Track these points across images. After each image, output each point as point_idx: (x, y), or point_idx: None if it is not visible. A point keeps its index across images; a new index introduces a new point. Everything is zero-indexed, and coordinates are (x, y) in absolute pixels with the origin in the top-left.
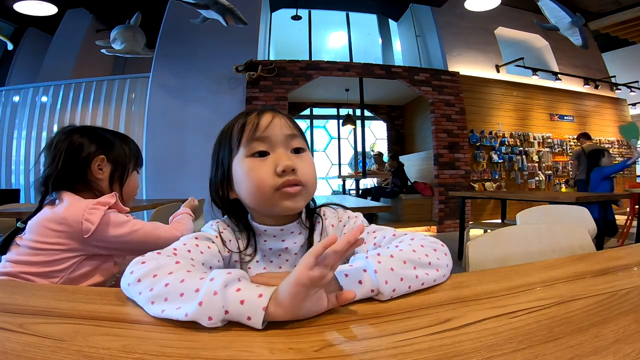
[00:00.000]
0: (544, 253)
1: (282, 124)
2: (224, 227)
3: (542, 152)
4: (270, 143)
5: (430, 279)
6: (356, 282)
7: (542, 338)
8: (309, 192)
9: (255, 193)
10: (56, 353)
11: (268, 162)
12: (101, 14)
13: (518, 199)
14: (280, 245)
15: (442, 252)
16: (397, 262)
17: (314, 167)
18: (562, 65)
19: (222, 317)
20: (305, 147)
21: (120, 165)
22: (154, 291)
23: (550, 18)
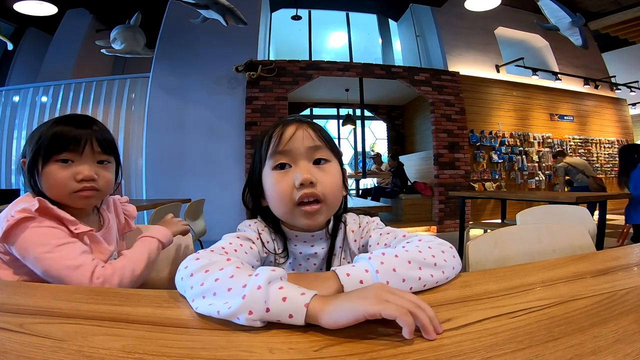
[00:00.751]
0: (544, 253)
1: (305, 136)
2: (262, 229)
3: (542, 152)
4: (292, 156)
5: (433, 281)
6: (357, 281)
7: (542, 338)
8: (329, 207)
9: (278, 206)
10: (56, 353)
11: (289, 175)
12: (101, 14)
13: (518, 199)
14: (310, 250)
15: (450, 254)
16: (402, 262)
17: (337, 177)
18: (562, 65)
19: (263, 314)
20: (330, 157)
21: (31, 158)
22: (204, 286)
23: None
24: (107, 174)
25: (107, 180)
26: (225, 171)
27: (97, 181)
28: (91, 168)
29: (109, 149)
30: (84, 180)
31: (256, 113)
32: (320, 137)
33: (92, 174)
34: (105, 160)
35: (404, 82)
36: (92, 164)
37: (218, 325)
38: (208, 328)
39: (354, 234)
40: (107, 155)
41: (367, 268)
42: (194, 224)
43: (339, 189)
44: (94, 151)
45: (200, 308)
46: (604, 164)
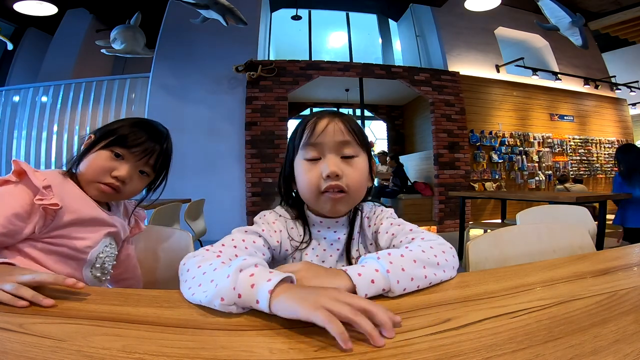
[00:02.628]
0: (544, 253)
1: (336, 130)
2: (275, 218)
3: (542, 152)
4: (321, 149)
5: (437, 279)
6: (369, 281)
7: (542, 338)
8: (352, 198)
9: (306, 192)
10: (56, 353)
11: (318, 166)
12: (101, 14)
13: (518, 199)
14: (334, 236)
15: (450, 254)
16: (408, 261)
17: (363, 171)
18: (562, 65)
19: (235, 300)
20: (358, 152)
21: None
22: (195, 279)
23: (550, 18)
24: (138, 185)
25: (133, 189)
26: (225, 171)
27: (126, 185)
28: (130, 172)
29: (157, 167)
30: (116, 178)
31: (256, 113)
32: (350, 131)
33: (126, 178)
34: (146, 172)
35: (404, 82)
36: (133, 170)
37: (218, 325)
38: (208, 328)
39: (368, 220)
40: (151, 170)
41: (377, 268)
42: (194, 224)
43: (364, 182)
44: (144, 162)
45: (190, 298)
46: (604, 164)
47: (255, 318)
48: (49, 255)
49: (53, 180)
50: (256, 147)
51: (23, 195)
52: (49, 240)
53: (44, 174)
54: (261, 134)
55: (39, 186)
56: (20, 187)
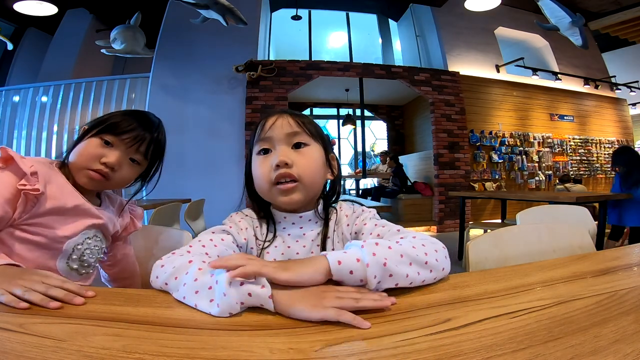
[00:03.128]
0: (544, 253)
1: (284, 124)
2: (241, 217)
3: (542, 152)
4: (272, 142)
5: (419, 279)
6: (347, 272)
7: (542, 338)
8: (306, 186)
9: (259, 186)
10: (56, 353)
11: (268, 158)
12: (101, 14)
13: (518, 199)
14: (299, 232)
15: (443, 254)
16: (394, 254)
17: (315, 159)
18: (562, 65)
19: (240, 309)
20: (309, 141)
21: (89, 127)
22: (179, 292)
23: (550, 18)
24: (128, 173)
25: (122, 177)
26: (225, 171)
27: (115, 172)
28: (119, 159)
29: (149, 155)
30: (105, 165)
31: (256, 113)
32: (299, 124)
33: (115, 164)
34: (137, 160)
35: (404, 82)
36: (123, 156)
37: (218, 325)
38: (208, 328)
39: (347, 218)
40: (143, 157)
41: (358, 257)
42: (194, 223)
43: (318, 170)
44: (134, 149)
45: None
46: (604, 164)
47: (255, 318)
48: (23, 244)
49: (40, 167)
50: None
51: (11, 181)
52: (26, 228)
53: (32, 161)
54: None
55: (26, 172)
56: (6, 172)
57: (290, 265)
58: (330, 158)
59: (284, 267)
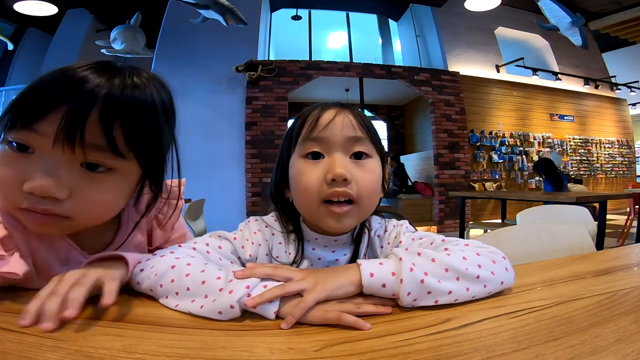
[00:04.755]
0: (544, 253)
1: (345, 123)
2: (259, 228)
3: (543, 152)
4: (326, 145)
5: (469, 295)
6: (380, 285)
7: (542, 338)
8: (362, 211)
9: (301, 200)
10: (56, 353)
11: (320, 166)
12: (101, 14)
13: (518, 199)
14: (331, 257)
15: (502, 266)
16: (437, 268)
17: (377, 177)
18: (562, 65)
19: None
20: (372, 152)
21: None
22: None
23: (550, 18)
24: (94, 193)
25: (91, 204)
26: (225, 171)
27: (64, 203)
28: (52, 173)
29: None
30: (32, 196)
31: (256, 113)
32: (363, 127)
33: (50, 188)
34: (101, 164)
35: (404, 82)
36: (63, 167)
37: (218, 325)
38: (208, 328)
39: (379, 239)
40: (108, 155)
41: (394, 270)
42: (194, 223)
43: (377, 190)
44: (71, 140)
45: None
46: (604, 164)
47: (255, 318)
48: None
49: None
50: (256, 147)
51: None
52: None
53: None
54: (261, 134)
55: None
56: None
57: (322, 278)
58: (384, 171)
59: (316, 279)
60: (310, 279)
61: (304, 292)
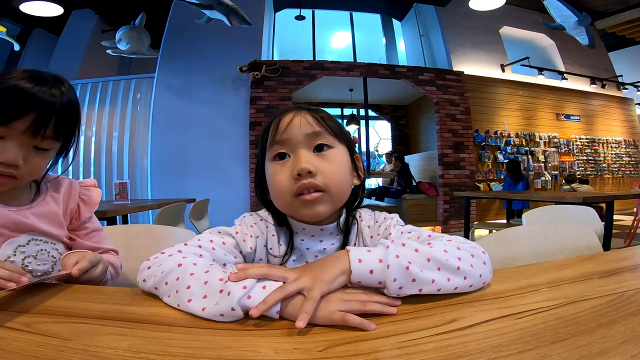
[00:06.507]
0: (551, 254)
1: (303, 122)
2: (255, 221)
3: (548, 152)
4: (289, 145)
5: (450, 286)
6: (367, 271)
7: (548, 339)
8: (333, 196)
9: (277, 197)
10: (62, 352)
11: (287, 165)
12: (106, 15)
13: (524, 199)
14: (319, 246)
15: (481, 260)
16: (420, 258)
17: (342, 165)
18: (568, 64)
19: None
20: (333, 143)
21: None
22: (172, 298)
23: (556, 17)
24: (38, 161)
25: (34, 168)
26: (229, 171)
27: (20, 168)
28: (19, 152)
29: (60, 134)
30: (2, 164)
31: (260, 113)
32: (321, 123)
33: (17, 160)
34: (45, 147)
35: (408, 81)
36: (23, 147)
37: (223, 325)
38: (213, 328)
39: (369, 229)
40: (52, 141)
41: (381, 257)
42: (199, 223)
43: (344, 177)
44: (37, 134)
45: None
46: (611, 164)
47: (259, 318)
48: None
49: None
50: (262, 141)
51: None
52: None
53: None
54: None
55: None
56: None
57: (317, 273)
58: (355, 159)
59: (312, 275)
60: (306, 277)
61: (305, 290)
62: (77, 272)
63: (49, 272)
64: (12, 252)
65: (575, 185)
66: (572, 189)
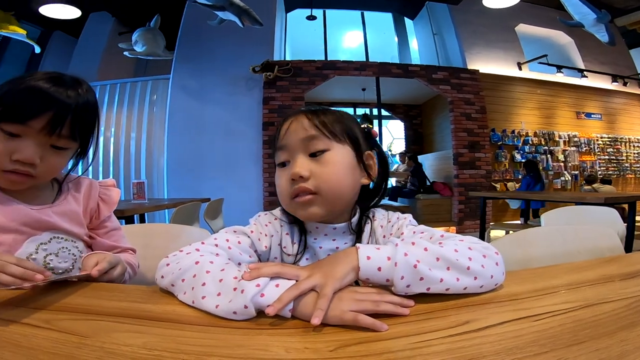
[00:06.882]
0: (570, 255)
1: (299, 128)
2: (269, 220)
3: (568, 152)
4: (288, 150)
5: (460, 286)
6: (375, 268)
7: (566, 341)
8: (326, 199)
9: (281, 200)
10: (80, 349)
11: (286, 170)
12: (122, 17)
13: (542, 199)
14: (331, 245)
15: (493, 260)
16: (429, 257)
17: (338, 166)
18: (588, 62)
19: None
20: (328, 145)
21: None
22: (187, 295)
23: (574, 15)
24: (55, 161)
25: (51, 167)
26: (243, 171)
27: (37, 167)
28: (36, 151)
29: (77, 135)
30: (18, 162)
31: (273, 113)
32: (316, 126)
33: (34, 159)
34: (62, 146)
35: (422, 80)
36: (40, 146)
37: (235, 324)
38: (226, 327)
39: (382, 229)
40: (69, 141)
41: (389, 255)
42: (213, 222)
43: (342, 179)
44: (54, 133)
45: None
46: (633, 164)
47: (271, 318)
48: None
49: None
50: (272, 147)
51: None
52: None
53: None
54: None
55: None
56: None
57: (328, 270)
58: (365, 158)
59: (324, 272)
60: (318, 274)
61: (317, 287)
62: (97, 272)
63: (70, 269)
64: (34, 249)
65: (597, 185)
66: (594, 189)
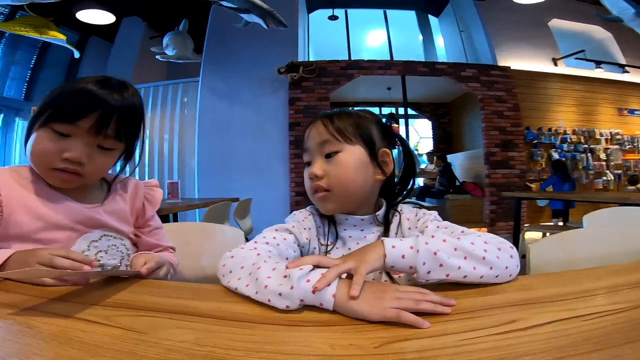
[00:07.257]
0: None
1: (316, 133)
2: (305, 216)
3: (611, 150)
4: (310, 153)
5: (476, 274)
6: (399, 256)
7: (619, 340)
8: (337, 194)
9: (308, 195)
10: (139, 345)
11: (308, 170)
12: (152, 21)
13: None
14: (360, 235)
15: (508, 253)
16: (447, 247)
17: (348, 166)
18: (629, 57)
19: (298, 305)
20: (340, 147)
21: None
22: (241, 280)
23: (611, 9)
24: (103, 161)
25: (99, 167)
26: (270, 171)
27: (85, 166)
28: (84, 150)
29: (122, 136)
30: (68, 161)
31: (299, 114)
32: (328, 131)
33: (82, 158)
34: (109, 147)
35: (450, 78)
36: (88, 146)
37: (279, 320)
38: (271, 323)
39: (409, 222)
40: (115, 142)
41: (412, 244)
42: (242, 222)
43: (352, 177)
44: (100, 133)
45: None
46: None
47: (314, 315)
48: None
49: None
50: (300, 148)
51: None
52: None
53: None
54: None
55: None
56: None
57: (360, 257)
58: (380, 155)
59: (356, 259)
60: (351, 260)
61: (352, 270)
62: (146, 271)
63: (117, 266)
64: (86, 246)
65: None
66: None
